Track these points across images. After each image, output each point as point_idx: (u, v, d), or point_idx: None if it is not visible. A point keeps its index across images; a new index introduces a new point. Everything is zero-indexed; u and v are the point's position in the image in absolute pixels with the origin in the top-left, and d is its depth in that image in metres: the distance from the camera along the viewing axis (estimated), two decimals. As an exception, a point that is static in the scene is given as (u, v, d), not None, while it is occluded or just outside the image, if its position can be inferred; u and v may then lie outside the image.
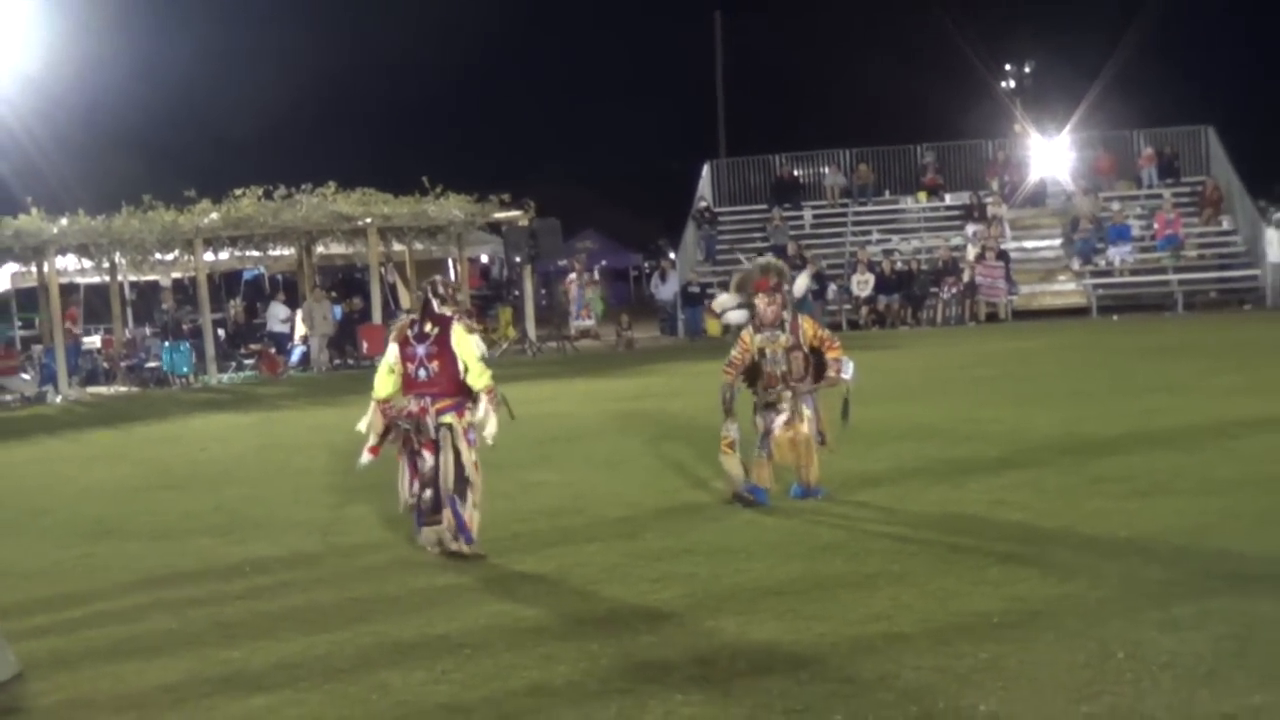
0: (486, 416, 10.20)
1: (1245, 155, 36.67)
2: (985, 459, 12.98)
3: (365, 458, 10.81)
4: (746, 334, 11.43)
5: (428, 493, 10.25)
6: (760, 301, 11.30)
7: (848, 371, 11.39)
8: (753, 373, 11.47)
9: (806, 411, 11.38)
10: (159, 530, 12.37)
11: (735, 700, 6.57)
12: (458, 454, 10.24)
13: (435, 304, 10.45)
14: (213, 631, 8.61)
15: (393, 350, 10.62)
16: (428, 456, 10.24)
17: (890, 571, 8.89)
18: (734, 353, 11.45)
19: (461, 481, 10.25)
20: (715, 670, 7.06)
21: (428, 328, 10.35)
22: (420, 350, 10.33)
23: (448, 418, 10.24)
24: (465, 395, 10.33)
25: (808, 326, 11.41)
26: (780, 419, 11.36)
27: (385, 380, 10.62)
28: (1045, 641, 7.19)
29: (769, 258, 12.58)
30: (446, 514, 10.20)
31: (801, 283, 11.70)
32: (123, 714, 7.07)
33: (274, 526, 12.13)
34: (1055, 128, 41.45)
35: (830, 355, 11.36)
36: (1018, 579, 8.49)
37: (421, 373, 10.32)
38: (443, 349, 10.24)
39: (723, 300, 12.36)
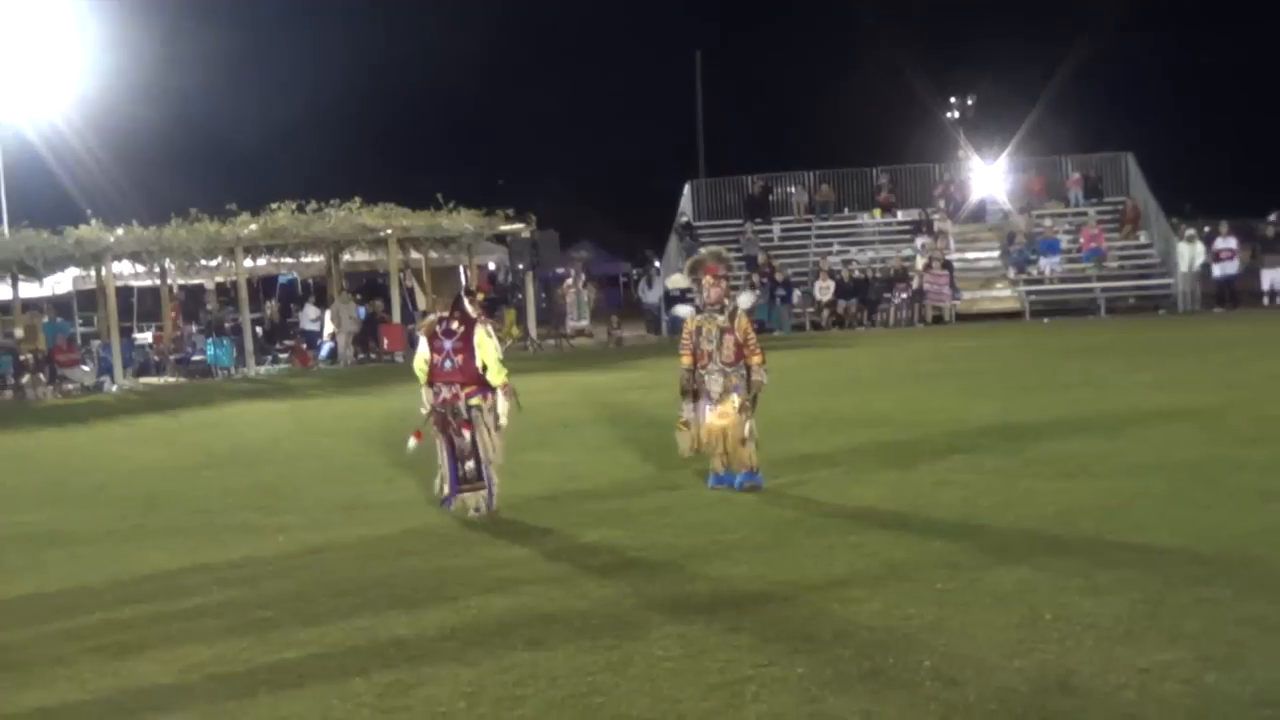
0: (500, 407, 10.69)
1: (1160, 179, 36.89)
2: (931, 444, 13.00)
3: (412, 442, 11.08)
4: (689, 318, 11.36)
5: (469, 464, 10.69)
6: (707, 281, 11.24)
7: (762, 375, 11.28)
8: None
9: (735, 399, 11.11)
10: (202, 505, 12.36)
11: (709, 655, 6.57)
12: (488, 432, 10.67)
13: (467, 305, 10.81)
14: (248, 593, 8.62)
15: (423, 344, 10.98)
16: (466, 434, 10.64)
17: (846, 543, 8.90)
18: (682, 337, 11.39)
19: (475, 458, 10.67)
20: (691, 629, 7.07)
21: (455, 325, 10.72)
22: (448, 345, 10.70)
23: (475, 400, 10.64)
24: (485, 384, 10.69)
25: (743, 322, 11.24)
26: (710, 407, 11.14)
27: (421, 369, 10.95)
28: (983, 605, 7.20)
29: (719, 249, 12.58)
30: (487, 481, 10.70)
31: (744, 300, 11.61)
32: (166, 664, 7.07)
33: (305, 502, 12.13)
34: (994, 153, 41.54)
35: (753, 361, 11.17)
36: (959, 550, 8.51)
37: (448, 364, 10.69)
38: (466, 345, 10.63)
39: (675, 279, 12.35)
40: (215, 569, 9.38)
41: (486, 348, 10.64)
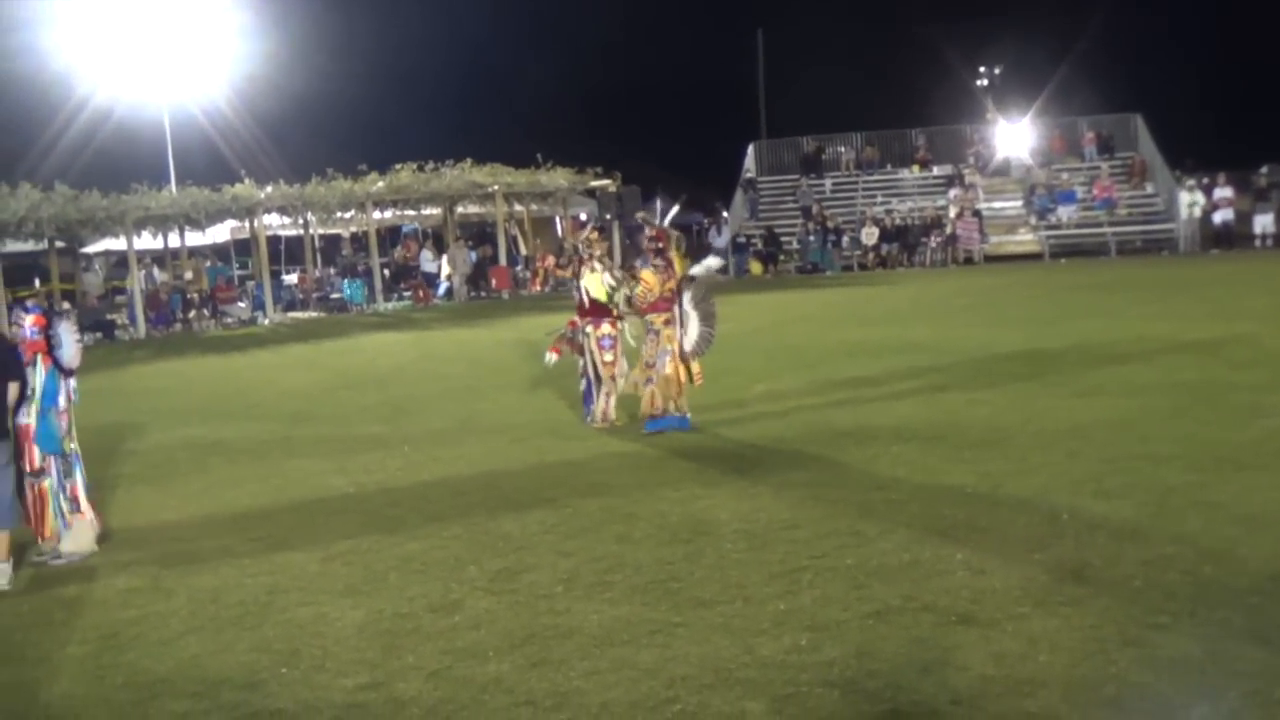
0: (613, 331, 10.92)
1: (1165, 136, 35.95)
2: (962, 368, 12.85)
3: (550, 356, 11.46)
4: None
5: (583, 382, 11.07)
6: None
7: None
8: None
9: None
10: (340, 418, 12.50)
11: (770, 548, 6.57)
12: (593, 355, 10.91)
13: (582, 249, 11.17)
14: (379, 494, 8.72)
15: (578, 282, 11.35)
16: (579, 359, 11.09)
17: (889, 453, 8.84)
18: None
19: (596, 377, 10.93)
20: (755, 526, 7.07)
21: (576, 267, 11.22)
22: (576, 283, 11.23)
23: (589, 329, 10.92)
24: (600, 314, 10.91)
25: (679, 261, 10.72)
26: (668, 357, 10.37)
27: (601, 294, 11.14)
28: (1007, 506, 7.14)
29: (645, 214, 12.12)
30: (594, 398, 10.99)
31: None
32: (311, 552, 7.18)
33: (426, 416, 12.23)
34: (1018, 115, 40.68)
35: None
36: (986, 459, 8.42)
37: (578, 296, 11.17)
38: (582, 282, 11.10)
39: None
40: (351, 473, 9.49)
41: (593, 281, 10.91)
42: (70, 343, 7.66)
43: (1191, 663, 4.71)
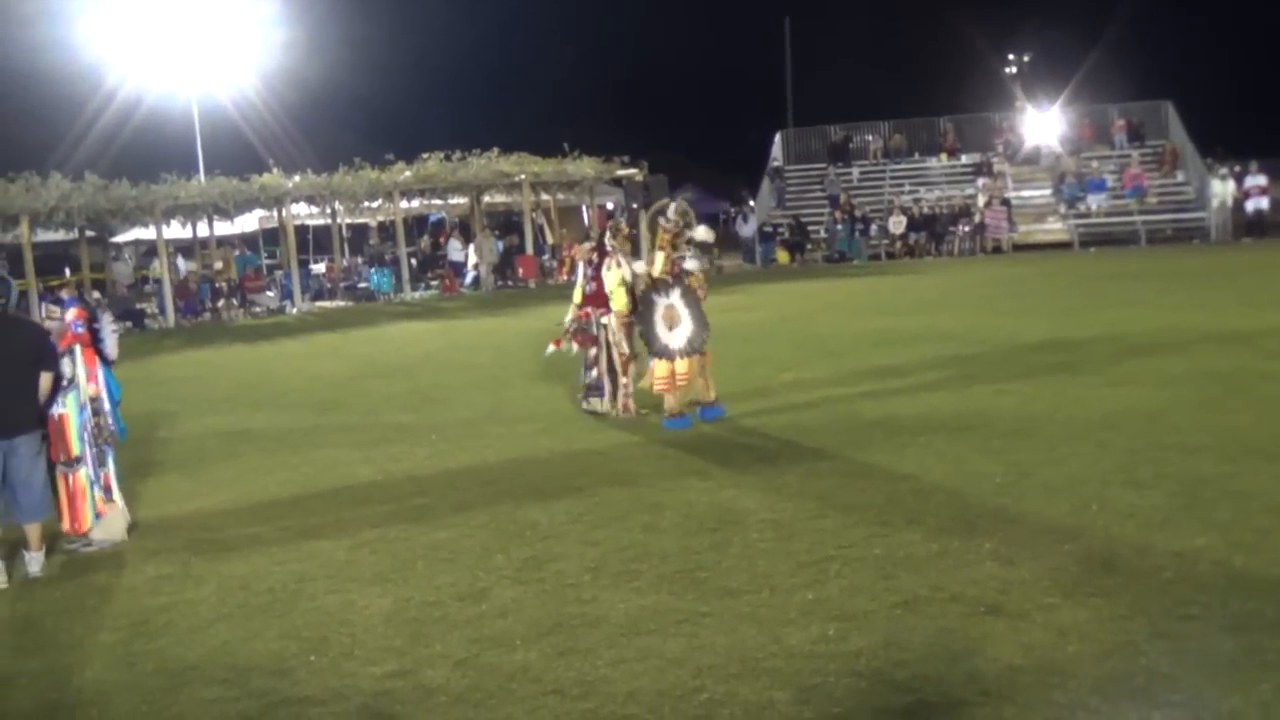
0: (614, 326, 10.74)
1: (1196, 124, 35.68)
2: (990, 357, 12.79)
3: (549, 348, 11.40)
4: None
5: (593, 372, 10.94)
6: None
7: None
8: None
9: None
10: (367, 407, 12.54)
11: (797, 538, 6.56)
12: (610, 347, 10.82)
13: (607, 240, 11.00)
14: (407, 482, 8.75)
15: (580, 269, 11.33)
16: (591, 348, 10.92)
17: (916, 442, 8.80)
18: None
19: (612, 368, 10.84)
20: (782, 515, 7.06)
21: (595, 256, 10.99)
22: (591, 272, 10.99)
23: (605, 320, 10.82)
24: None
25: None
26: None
27: (579, 291, 11.12)
28: (1036, 496, 7.10)
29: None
30: (607, 388, 10.87)
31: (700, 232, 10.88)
32: (339, 540, 7.21)
33: (453, 404, 12.26)
34: (1047, 103, 40.41)
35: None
36: (1015, 449, 8.39)
37: (589, 287, 10.97)
38: (600, 274, 10.85)
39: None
40: (379, 462, 9.53)
41: (611, 276, 10.69)
42: (110, 335, 7.80)
43: (1223, 655, 4.67)
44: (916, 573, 5.84)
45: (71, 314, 7.70)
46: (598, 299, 10.85)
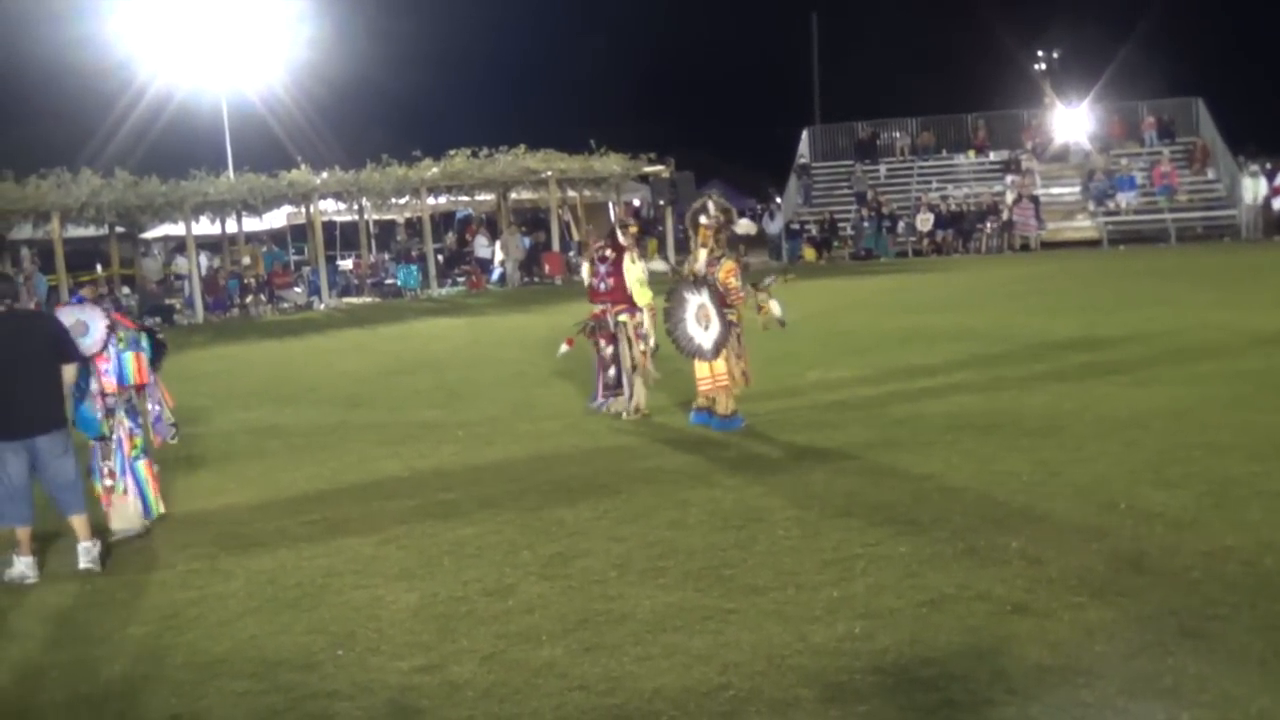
0: (646, 324, 10.61)
1: (1227, 121, 35.42)
2: (1018, 355, 12.74)
3: (563, 348, 11.23)
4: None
5: (611, 371, 10.79)
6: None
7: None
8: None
9: None
10: (394, 403, 12.59)
11: (823, 536, 6.56)
12: (629, 345, 10.65)
13: (620, 236, 10.82)
14: (434, 478, 8.78)
15: (585, 267, 11.13)
16: (608, 347, 10.75)
17: (944, 440, 8.79)
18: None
19: (630, 366, 10.69)
20: (808, 513, 7.06)
21: (609, 253, 10.76)
22: (602, 269, 10.77)
23: (623, 318, 10.66)
24: (633, 303, 10.64)
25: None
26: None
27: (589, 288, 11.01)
28: (1063, 495, 7.07)
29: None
30: (625, 388, 10.72)
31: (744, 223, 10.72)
32: (366, 536, 7.25)
33: (480, 401, 12.29)
34: (1077, 100, 40.18)
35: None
36: (1042, 447, 8.36)
37: (602, 285, 10.76)
38: (617, 270, 10.65)
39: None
40: (406, 458, 9.57)
41: (632, 271, 10.57)
42: (97, 330, 7.69)
43: (1251, 655, 4.65)
44: (943, 571, 5.83)
45: (103, 325, 7.77)
46: (615, 295, 10.63)
